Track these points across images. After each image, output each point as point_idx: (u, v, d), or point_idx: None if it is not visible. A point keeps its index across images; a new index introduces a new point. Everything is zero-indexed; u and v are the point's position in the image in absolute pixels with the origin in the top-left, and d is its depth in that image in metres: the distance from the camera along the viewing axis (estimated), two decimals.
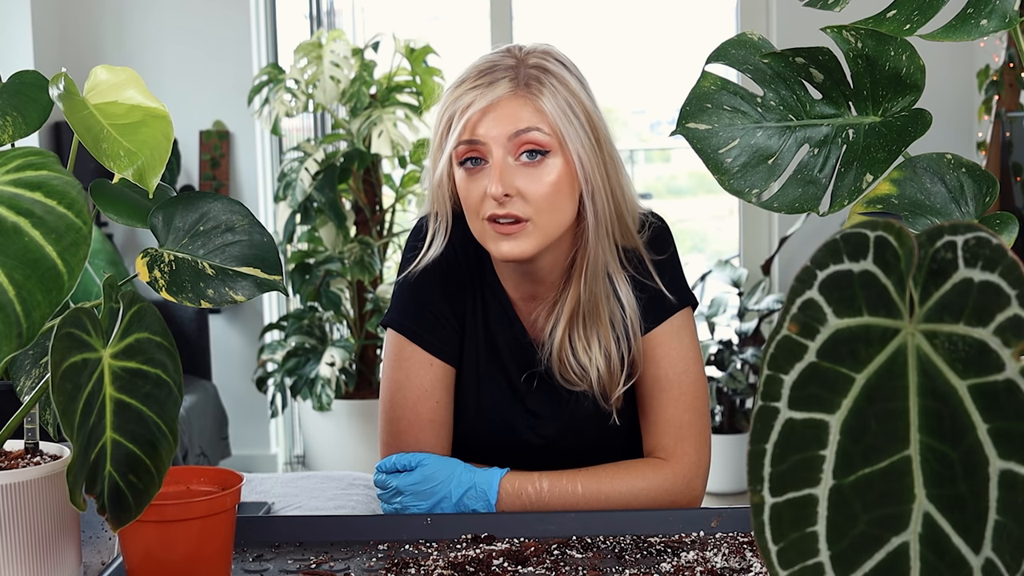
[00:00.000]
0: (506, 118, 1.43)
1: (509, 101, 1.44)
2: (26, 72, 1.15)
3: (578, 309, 1.51)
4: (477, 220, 1.47)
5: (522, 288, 1.57)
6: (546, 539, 1.33)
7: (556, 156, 1.44)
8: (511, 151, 1.44)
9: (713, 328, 4.23)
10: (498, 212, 1.43)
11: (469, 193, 1.46)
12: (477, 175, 1.45)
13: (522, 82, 1.45)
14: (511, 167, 1.43)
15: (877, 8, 1.02)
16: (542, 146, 1.44)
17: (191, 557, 1.12)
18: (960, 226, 0.61)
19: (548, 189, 1.43)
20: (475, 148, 1.44)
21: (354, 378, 4.14)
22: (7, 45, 4.14)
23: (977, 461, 0.59)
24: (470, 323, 1.58)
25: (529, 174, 1.43)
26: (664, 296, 1.55)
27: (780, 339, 0.63)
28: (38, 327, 0.91)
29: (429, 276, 1.57)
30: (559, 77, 1.46)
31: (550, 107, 1.44)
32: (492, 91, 1.44)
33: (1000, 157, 3.65)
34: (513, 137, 1.43)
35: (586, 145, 1.45)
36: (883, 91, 1.08)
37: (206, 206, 1.17)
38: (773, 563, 0.62)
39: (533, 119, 1.44)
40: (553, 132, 1.44)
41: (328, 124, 4.56)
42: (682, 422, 1.52)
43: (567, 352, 1.52)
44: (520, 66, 1.46)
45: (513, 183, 1.43)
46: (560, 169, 1.44)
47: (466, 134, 1.44)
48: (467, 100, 1.45)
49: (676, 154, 5.59)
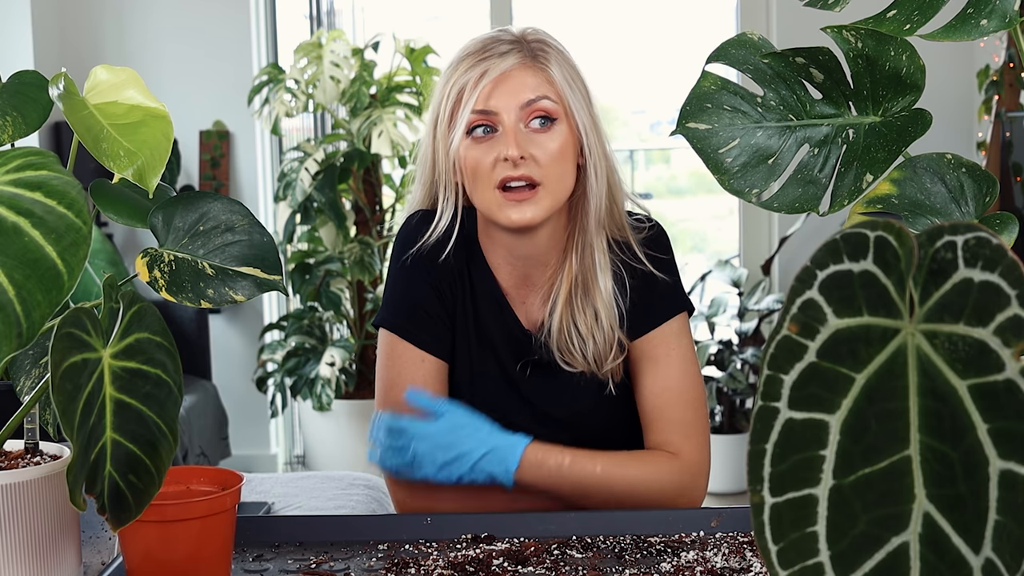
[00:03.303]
0: (518, 87, 1.49)
1: (519, 71, 1.50)
2: (26, 72, 1.15)
3: (575, 284, 1.54)
4: (488, 190, 1.49)
5: (516, 273, 1.59)
6: (546, 539, 1.33)
7: (562, 123, 1.50)
8: (522, 119, 1.49)
9: (713, 328, 4.23)
10: (513, 174, 1.47)
11: (479, 162, 1.49)
12: (486, 143, 1.49)
13: (528, 54, 1.51)
14: (523, 133, 1.48)
15: (877, 8, 1.02)
16: (551, 113, 1.49)
17: (191, 557, 1.12)
18: (960, 226, 0.61)
19: (557, 154, 1.49)
20: (487, 117, 1.49)
21: (354, 378, 4.14)
22: (7, 45, 4.14)
23: (977, 461, 0.59)
24: (460, 318, 1.59)
25: (539, 140, 1.49)
26: (668, 294, 1.57)
27: (780, 339, 0.63)
28: (38, 327, 0.91)
29: (418, 273, 1.58)
30: (559, 51, 1.54)
31: (558, 76, 1.50)
32: (504, 61, 1.50)
33: (1000, 157, 3.65)
34: (525, 106, 1.48)
35: (587, 115, 1.52)
36: (883, 91, 1.08)
37: (206, 206, 1.17)
38: (773, 563, 0.62)
39: (543, 88, 1.49)
40: (560, 100, 1.50)
41: (328, 124, 4.56)
42: (688, 420, 1.54)
43: (568, 328, 1.54)
44: (522, 41, 1.53)
45: (527, 148, 1.47)
46: (566, 135, 1.50)
47: (480, 104, 1.49)
48: (478, 71, 1.49)
49: (676, 154, 5.60)
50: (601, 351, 1.55)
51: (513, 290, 1.60)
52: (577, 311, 1.54)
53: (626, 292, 1.56)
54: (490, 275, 1.60)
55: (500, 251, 1.58)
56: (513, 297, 1.60)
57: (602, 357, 1.55)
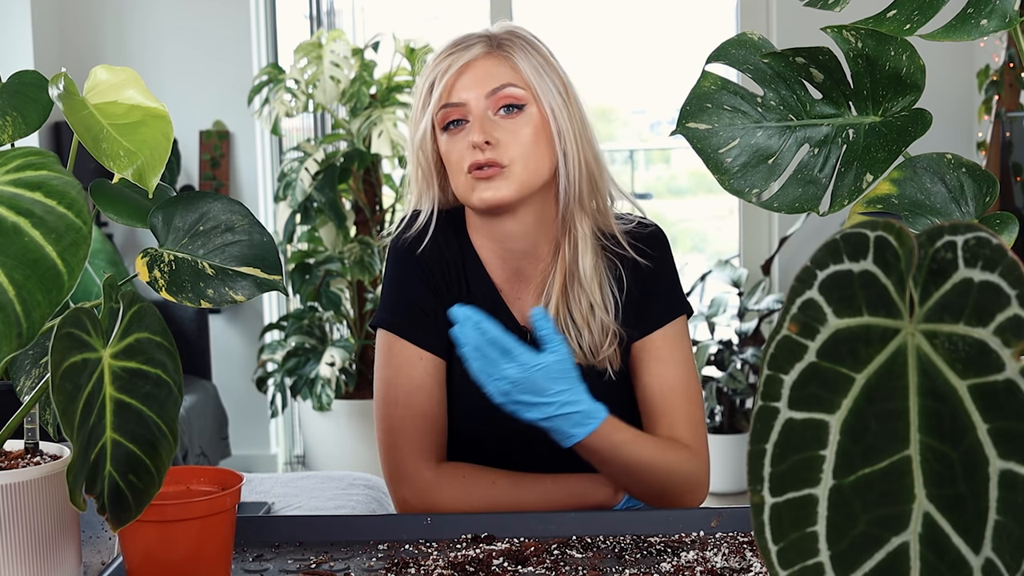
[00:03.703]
0: (483, 76, 1.53)
1: (483, 61, 1.54)
2: (26, 72, 1.15)
3: (568, 274, 1.56)
4: (461, 176, 1.53)
5: (508, 267, 1.60)
6: (546, 539, 1.33)
7: (531, 107, 1.53)
8: (490, 107, 1.52)
9: (713, 328, 4.23)
10: (480, 159, 1.50)
11: (451, 151, 1.53)
12: (459, 134, 1.53)
13: (494, 44, 1.55)
14: (491, 120, 1.52)
15: (877, 8, 1.02)
16: (518, 99, 1.52)
17: (191, 557, 1.12)
18: (960, 226, 0.61)
19: (525, 139, 1.52)
20: (456, 109, 1.53)
21: (354, 378, 4.14)
22: (7, 45, 4.14)
23: (977, 461, 0.59)
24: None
25: (507, 126, 1.52)
26: (668, 297, 1.59)
27: (780, 339, 0.63)
28: (38, 327, 0.91)
29: (413, 272, 1.60)
30: (529, 42, 1.57)
31: (523, 64, 1.54)
32: (467, 53, 1.54)
33: (1000, 157, 3.65)
34: (490, 95, 1.52)
35: (558, 100, 1.54)
36: (883, 91, 1.08)
37: (206, 206, 1.17)
38: (773, 563, 0.62)
39: (507, 75, 1.53)
40: (527, 86, 1.53)
41: (328, 124, 4.56)
42: (693, 416, 1.56)
43: (564, 319, 1.55)
44: (490, 35, 1.57)
45: (492, 133, 1.51)
46: (536, 121, 1.53)
47: (445, 97, 1.53)
48: (445, 65, 1.54)
49: (676, 154, 5.60)
50: (596, 340, 1.56)
51: (507, 286, 1.61)
52: (572, 301, 1.56)
53: (622, 285, 1.57)
54: (483, 272, 1.61)
55: (490, 244, 1.60)
56: (507, 294, 1.61)
57: (597, 346, 1.56)
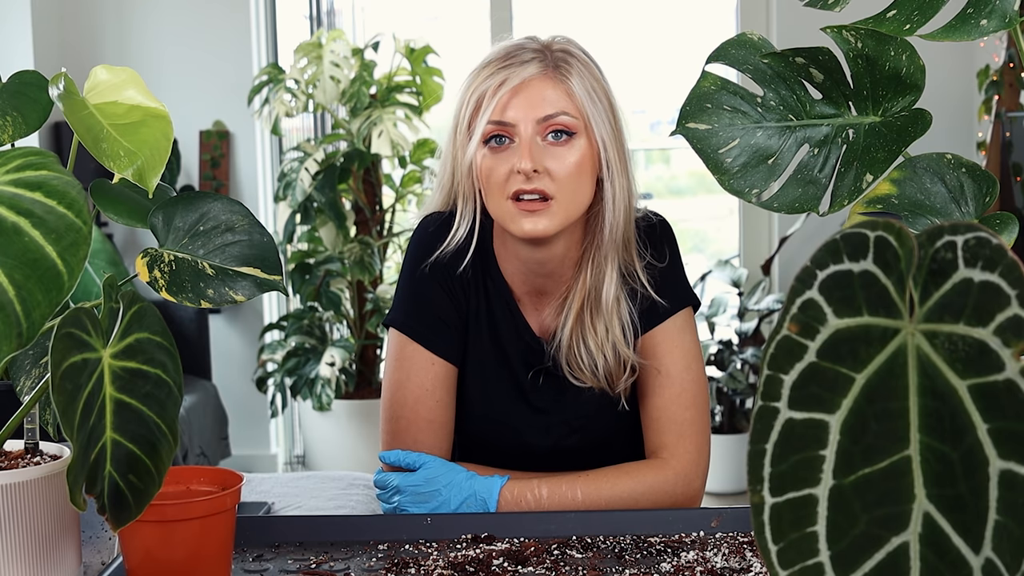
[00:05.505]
0: (537, 100, 1.46)
1: (539, 82, 1.47)
2: (26, 72, 1.15)
3: (588, 299, 1.53)
4: (501, 200, 1.47)
5: (530, 283, 1.58)
6: (546, 539, 1.33)
7: (581, 138, 1.48)
8: (539, 132, 1.47)
9: (713, 328, 4.23)
10: (525, 187, 1.45)
11: (493, 172, 1.47)
12: (502, 153, 1.47)
13: (550, 64, 1.49)
14: (539, 146, 1.46)
15: (877, 8, 1.02)
16: (569, 128, 1.47)
17: (191, 557, 1.12)
18: (960, 226, 0.60)
19: (573, 168, 1.46)
20: (504, 128, 1.47)
21: (354, 378, 4.14)
22: (7, 45, 4.14)
23: (977, 461, 0.59)
24: (474, 323, 1.58)
25: (555, 153, 1.46)
26: (667, 292, 1.56)
27: (780, 339, 0.63)
28: (38, 327, 0.91)
29: (432, 276, 1.57)
30: (584, 62, 1.51)
31: (578, 89, 1.48)
32: (523, 70, 1.47)
33: (1000, 157, 3.65)
34: (542, 120, 1.46)
35: (608, 131, 1.49)
36: (883, 91, 1.08)
37: (206, 206, 1.17)
38: (773, 563, 0.62)
39: (562, 102, 1.47)
40: (580, 115, 1.48)
41: (328, 124, 4.56)
42: (683, 419, 1.53)
43: (577, 343, 1.53)
44: (546, 50, 1.50)
45: (541, 160, 1.45)
46: (584, 150, 1.48)
47: (496, 114, 1.47)
48: (498, 79, 1.47)
49: (676, 154, 5.59)
50: (612, 370, 1.54)
51: (526, 298, 1.59)
52: (588, 328, 1.52)
53: (638, 299, 1.55)
54: (504, 284, 1.59)
55: (514, 261, 1.57)
56: (526, 305, 1.59)
57: (613, 376, 1.54)
